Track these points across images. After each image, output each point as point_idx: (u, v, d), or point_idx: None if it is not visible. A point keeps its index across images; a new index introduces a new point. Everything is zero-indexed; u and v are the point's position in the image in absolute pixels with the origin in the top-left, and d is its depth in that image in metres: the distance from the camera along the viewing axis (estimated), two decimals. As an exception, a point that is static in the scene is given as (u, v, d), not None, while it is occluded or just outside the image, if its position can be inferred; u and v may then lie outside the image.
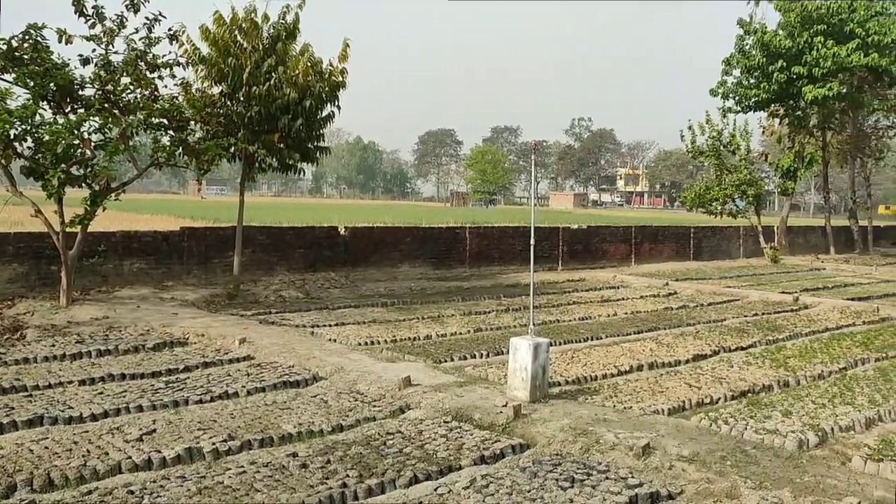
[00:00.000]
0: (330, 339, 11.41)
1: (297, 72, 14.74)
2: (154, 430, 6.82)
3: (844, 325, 14.27)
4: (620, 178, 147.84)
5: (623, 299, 17.28)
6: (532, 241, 8.62)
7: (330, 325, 12.75)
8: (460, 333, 12.48)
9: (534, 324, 8.59)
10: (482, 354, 10.75)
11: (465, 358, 10.55)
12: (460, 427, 7.17)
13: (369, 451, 6.43)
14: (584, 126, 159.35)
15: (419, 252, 20.83)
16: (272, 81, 14.41)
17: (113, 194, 13.22)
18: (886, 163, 52.11)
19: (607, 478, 5.90)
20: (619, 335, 12.66)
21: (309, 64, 14.92)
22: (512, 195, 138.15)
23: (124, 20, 13.48)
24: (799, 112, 31.74)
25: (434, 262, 20.99)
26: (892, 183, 72.54)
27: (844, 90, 30.42)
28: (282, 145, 14.88)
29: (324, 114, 15.62)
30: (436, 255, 21.08)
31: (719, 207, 29.50)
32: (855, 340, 12.45)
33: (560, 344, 11.59)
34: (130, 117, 13.13)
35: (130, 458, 6.07)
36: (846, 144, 38.65)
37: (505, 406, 7.52)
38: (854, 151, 38.92)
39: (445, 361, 10.25)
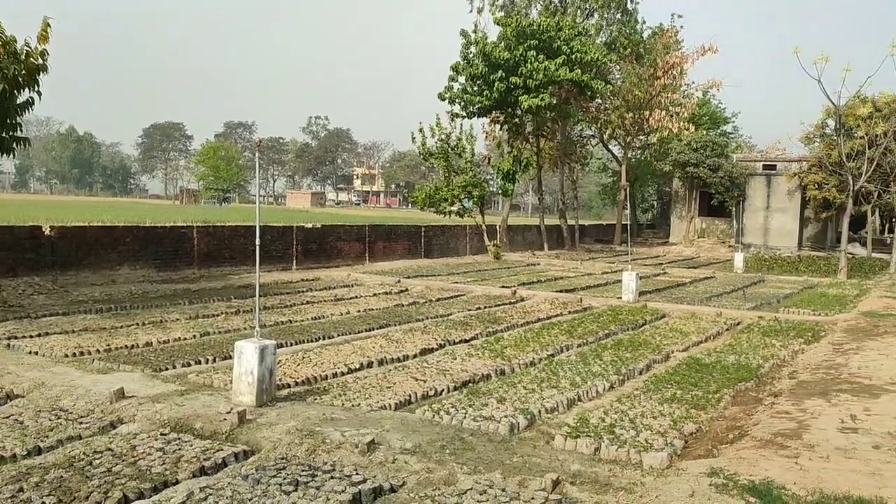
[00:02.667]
0: (30, 352, 10.22)
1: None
2: None
3: (554, 315, 15.70)
4: (357, 178, 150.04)
5: (356, 297, 17.51)
6: (258, 241, 8.38)
7: (31, 336, 11.42)
8: (185, 339, 11.81)
9: (260, 325, 8.36)
10: (208, 360, 10.26)
11: (189, 364, 10.00)
12: (179, 438, 6.76)
13: (72, 473, 5.81)
14: (320, 124, 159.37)
15: (141, 253, 19.45)
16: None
17: None
18: (590, 168, 58.48)
19: (332, 477, 5.89)
20: (350, 333, 12.79)
21: (-1, 43, 13.22)
22: (247, 193, 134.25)
23: None
24: (516, 119, 34.48)
25: (158, 263, 19.72)
26: (594, 186, 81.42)
27: (554, 101, 33.60)
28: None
29: (20, 100, 13.94)
30: (160, 257, 19.82)
31: (448, 207, 31.09)
32: (562, 329, 13.74)
33: (291, 345, 11.44)
34: None
35: None
36: (556, 151, 42.72)
37: (229, 412, 7.23)
38: (563, 157, 43.12)
39: (166, 369, 9.64)
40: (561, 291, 19.64)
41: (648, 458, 6.57)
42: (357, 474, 5.96)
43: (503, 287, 20.01)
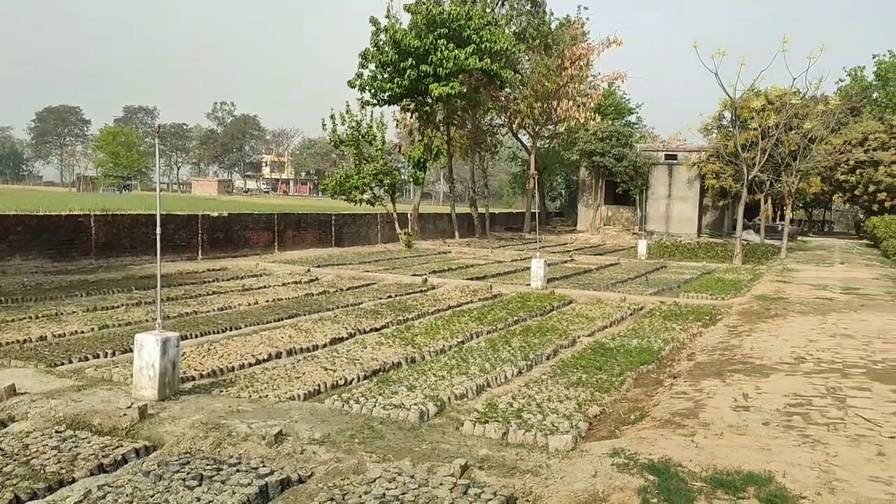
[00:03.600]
0: (-90, 350, 9.58)
1: None
2: None
3: (464, 302, 15.85)
4: (266, 165, 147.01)
5: (265, 287, 17.19)
6: (158, 230, 8.08)
7: (-89, 333, 10.71)
8: (82, 332, 11.33)
9: (163, 317, 8.10)
10: (107, 354, 9.87)
11: (87, 359, 9.60)
12: (76, 436, 6.48)
13: (-43, 477, 5.49)
14: (227, 111, 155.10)
15: (34, 243, 18.50)
16: None
17: None
18: (500, 157, 59.17)
19: (238, 470, 5.77)
20: (258, 324, 12.55)
21: None
22: (149, 180, 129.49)
23: None
24: (427, 107, 34.50)
25: (53, 254, 18.81)
26: (505, 175, 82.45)
27: (465, 90, 33.79)
28: None
29: None
30: (55, 247, 18.91)
31: (359, 195, 30.87)
32: (472, 316, 13.88)
33: (196, 336, 11.14)
34: None
35: None
36: (467, 139, 43.01)
37: (129, 408, 6.97)
38: (474, 146, 43.45)
39: (62, 364, 9.22)
40: (471, 279, 19.83)
41: (554, 440, 6.73)
42: (264, 466, 5.87)
43: (414, 275, 20.04)
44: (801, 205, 56.97)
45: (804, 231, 56.02)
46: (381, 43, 32.19)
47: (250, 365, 9.63)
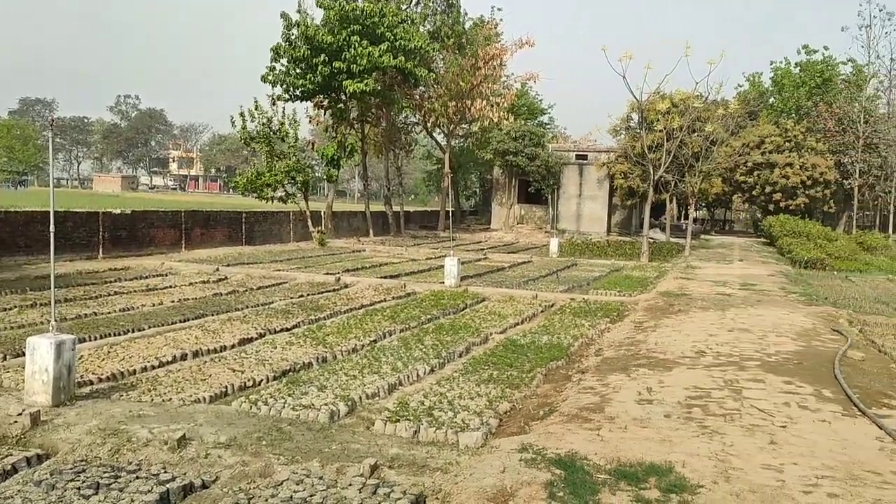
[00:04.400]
0: None
1: None
2: None
3: (377, 301, 15.77)
4: (174, 161, 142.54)
5: (170, 287, 16.65)
6: (52, 227, 7.71)
7: None
8: (-30, 336, 10.68)
9: (60, 319, 7.73)
10: (-2, 358, 9.35)
11: (-25, 364, 9.06)
12: (-40, 446, 6.11)
13: None
14: (131, 104, 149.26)
15: (-82, 242, 17.35)
16: None
17: None
18: (415, 155, 59.22)
19: (138, 477, 5.57)
20: (163, 325, 12.14)
21: None
22: (47, 175, 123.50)
23: None
24: (341, 104, 34.17)
25: (-61, 253, 17.69)
26: (420, 173, 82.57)
27: (379, 87, 33.62)
28: None
29: None
30: (-59, 246, 17.79)
31: (270, 193, 30.31)
32: (385, 315, 13.83)
33: (95, 339, 10.68)
34: None
35: None
36: (381, 137, 42.83)
37: (20, 414, 6.62)
38: (388, 144, 43.31)
39: (-53, 370, 8.67)
40: (385, 277, 19.76)
41: (464, 437, 6.76)
42: (165, 472, 5.68)
43: (327, 274, 19.82)
44: (704, 204, 59.27)
45: (707, 230, 58.28)
46: (294, 38, 31.67)
47: (153, 367, 9.30)
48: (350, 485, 5.47)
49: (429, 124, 45.94)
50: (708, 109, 33.86)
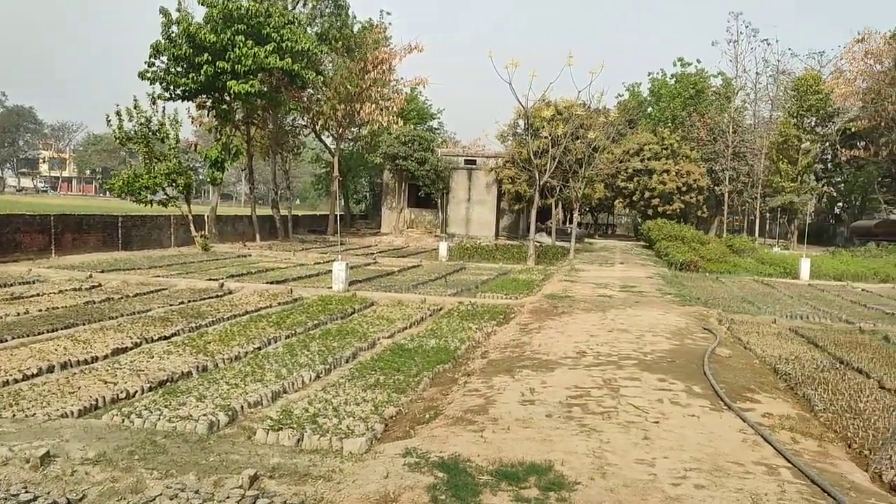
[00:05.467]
0: None
1: None
2: None
3: (263, 307, 15.41)
4: (44, 162, 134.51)
5: (38, 295, 15.67)
6: None
7: None
8: None
9: None
10: None
11: None
12: None
13: None
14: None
15: None
16: None
17: None
18: (304, 158, 58.34)
19: (-6, 500, 5.19)
20: (28, 335, 11.41)
21: None
22: None
23: None
24: (225, 105, 33.23)
25: None
26: (309, 176, 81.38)
27: (265, 88, 32.92)
28: None
29: None
30: None
31: (149, 196, 29.10)
32: (270, 321, 13.52)
33: (-49, 352, 9.92)
34: None
35: None
36: (268, 139, 41.96)
37: None
38: (275, 146, 42.46)
39: None
40: (271, 283, 19.33)
41: (349, 444, 6.69)
42: (27, 492, 5.32)
43: (210, 280, 19.20)
44: (587, 209, 61.26)
45: (591, 234, 60.29)
46: (175, 35, 30.55)
47: (16, 381, 8.72)
48: (227, 497, 5.30)
49: (317, 127, 45.41)
50: (590, 117, 35.03)
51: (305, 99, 40.85)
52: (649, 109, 62.43)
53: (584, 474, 5.65)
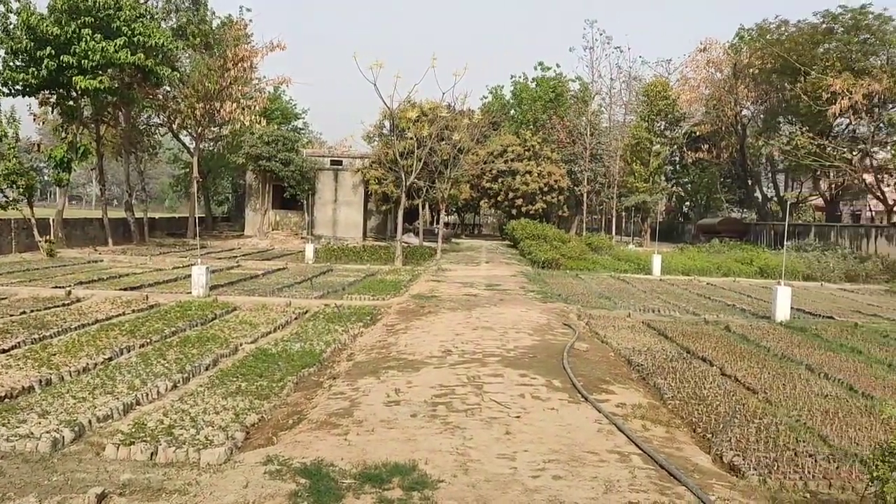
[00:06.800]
0: None
1: None
2: None
3: (115, 315, 14.57)
4: None
5: None
6: None
7: None
8: None
9: None
10: None
11: None
12: None
13: None
14: None
15: None
16: None
17: None
18: (161, 158, 55.80)
19: None
20: None
21: None
22: None
23: None
24: (71, 102, 31.25)
25: None
26: (167, 178, 77.96)
27: (116, 85, 31.21)
28: None
29: None
30: None
31: (-14, 198, 26.93)
32: (123, 329, 12.81)
33: None
34: None
35: None
36: (120, 138, 39.82)
37: None
38: (128, 146, 40.35)
39: None
40: (125, 289, 18.34)
41: (207, 454, 6.44)
42: None
43: (56, 287, 17.97)
44: (454, 209, 62.20)
45: (458, 234, 61.23)
46: (12, 27, 28.40)
47: None
48: (72, 519, 4.97)
49: (175, 126, 43.56)
50: (455, 119, 35.55)
51: (161, 96, 39.11)
52: (512, 112, 64.12)
53: (448, 472, 5.70)
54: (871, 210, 56.78)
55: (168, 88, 38.81)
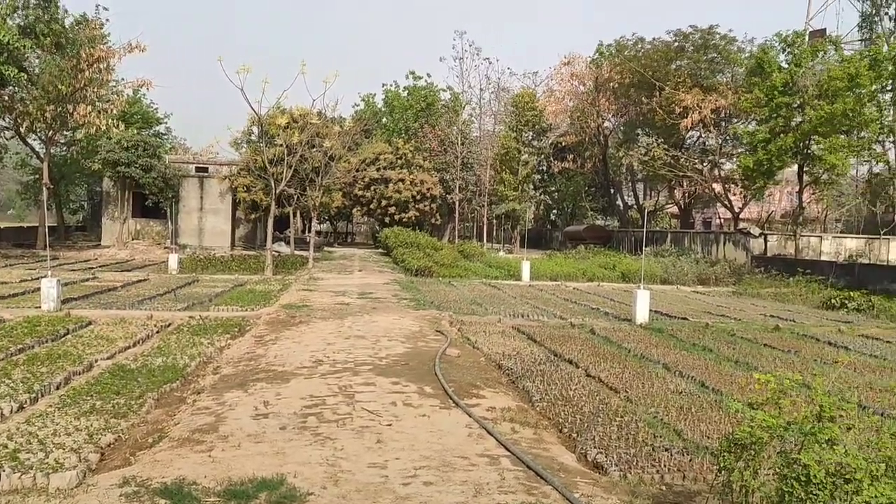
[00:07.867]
0: None
1: None
2: None
3: (-48, 332, 13.38)
4: None
5: None
6: None
7: None
8: None
9: None
10: None
11: None
12: None
13: None
14: None
15: None
16: None
17: None
18: (7, 164, 51.94)
19: None
20: None
21: None
22: None
23: None
24: None
25: None
26: (14, 184, 72.54)
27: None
28: None
29: None
30: None
31: None
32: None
33: None
34: None
35: None
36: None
37: None
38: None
39: None
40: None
41: (56, 479, 6.00)
42: None
43: None
44: (326, 217, 61.47)
45: (330, 242, 60.52)
46: None
47: None
48: None
49: (22, 129, 40.65)
50: (326, 126, 35.17)
51: (7, 97, 36.43)
52: (384, 120, 64.16)
53: (317, 484, 5.58)
54: (720, 217, 60.72)
55: (15, 89, 36.20)
